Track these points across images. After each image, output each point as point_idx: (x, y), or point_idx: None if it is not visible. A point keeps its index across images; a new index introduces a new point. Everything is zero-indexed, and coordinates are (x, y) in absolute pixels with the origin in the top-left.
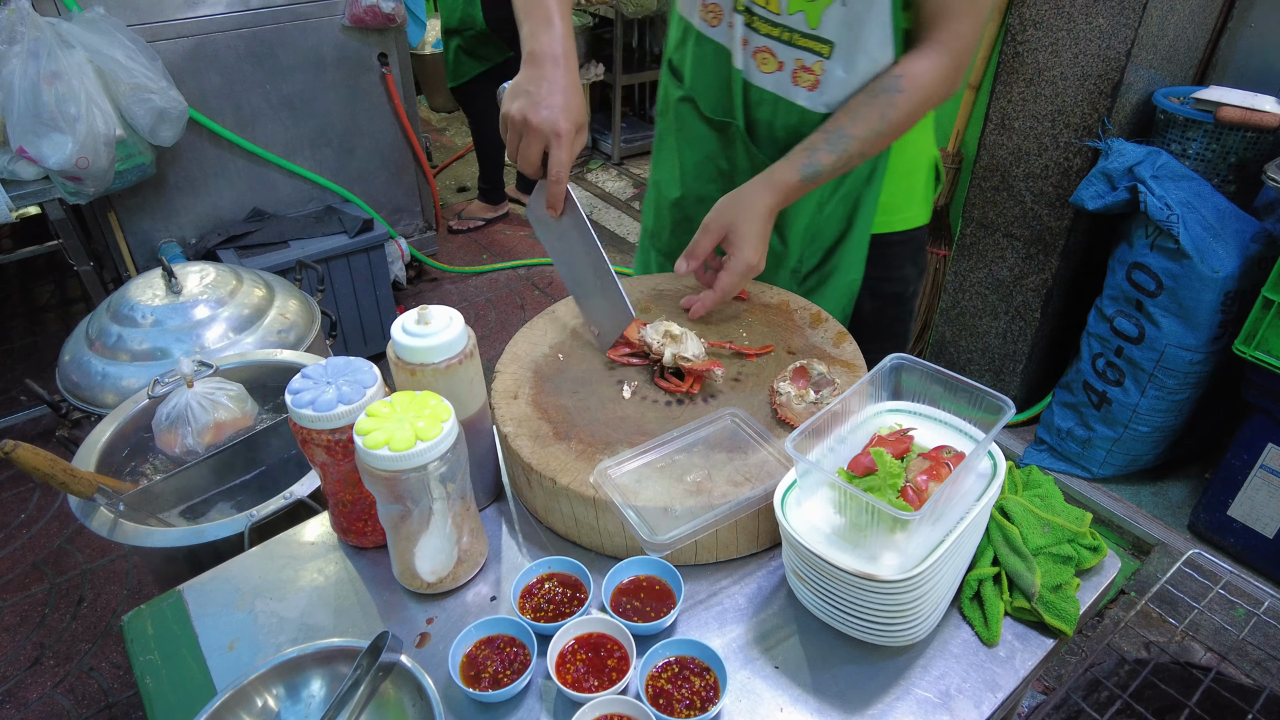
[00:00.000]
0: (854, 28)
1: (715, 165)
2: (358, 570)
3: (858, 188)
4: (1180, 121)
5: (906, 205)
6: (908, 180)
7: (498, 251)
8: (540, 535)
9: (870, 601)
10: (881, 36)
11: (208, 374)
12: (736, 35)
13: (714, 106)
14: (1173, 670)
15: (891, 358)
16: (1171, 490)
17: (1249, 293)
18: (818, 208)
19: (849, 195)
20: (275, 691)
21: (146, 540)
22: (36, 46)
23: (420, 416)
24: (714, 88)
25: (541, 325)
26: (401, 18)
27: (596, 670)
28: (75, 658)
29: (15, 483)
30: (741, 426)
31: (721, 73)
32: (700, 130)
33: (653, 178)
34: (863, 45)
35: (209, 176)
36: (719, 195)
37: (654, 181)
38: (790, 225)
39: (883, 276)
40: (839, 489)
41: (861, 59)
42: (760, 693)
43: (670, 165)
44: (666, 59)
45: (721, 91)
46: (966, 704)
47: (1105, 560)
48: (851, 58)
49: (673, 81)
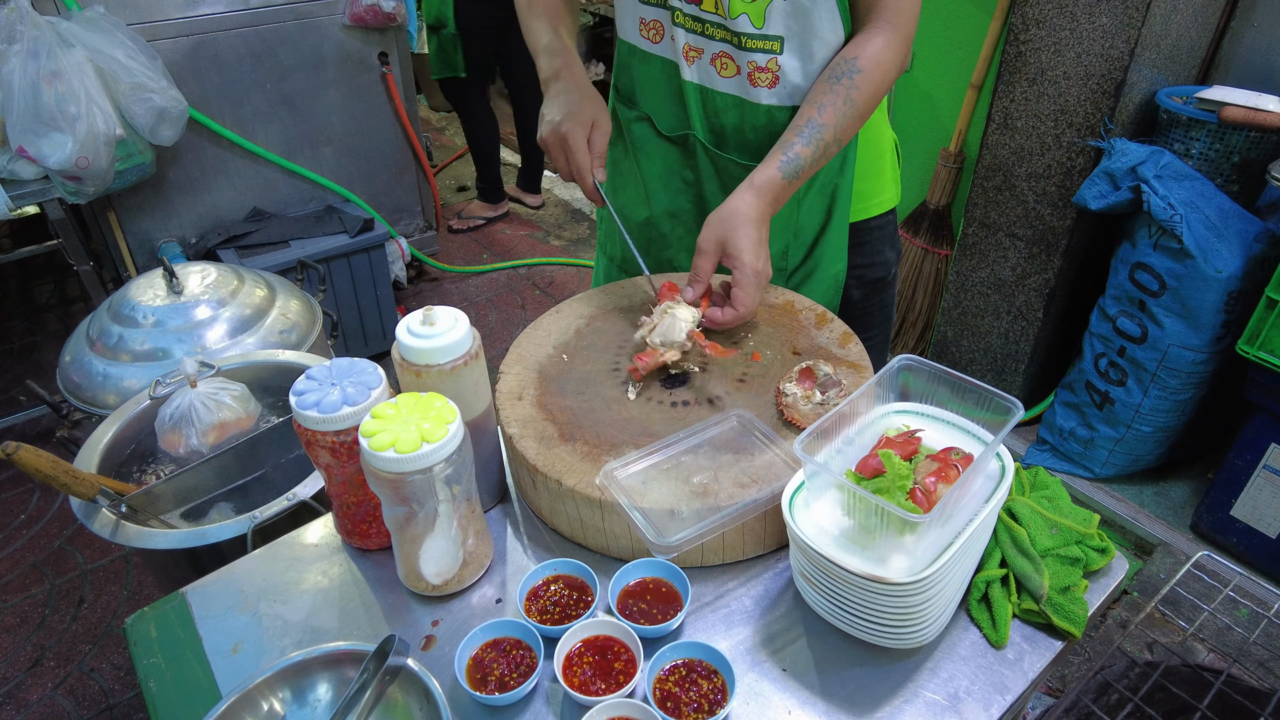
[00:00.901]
0: (801, 18)
1: (680, 177)
2: (362, 572)
3: (833, 179)
4: (1183, 121)
5: (878, 190)
6: (876, 165)
7: (498, 251)
8: (545, 537)
9: (878, 604)
10: (831, 20)
11: (210, 374)
12: (679, 47)
13: (670, 123)
14: (1183, 673)
15: (899, 359)
16: (1174, 490)
17: (1252, 293)
18: (796, 203)
19: (825, 187)
20: (281, 695)
21: (149, 542)
22: (36, 46)
23: (426, 418)
24: (666, 103)
25: (546, 325)
26: (402, 17)
27: (604, 673)
28: (76, 659)
29: (15, 483)
30: (748, 428)
31: (672, 87)
32: (659, 147)
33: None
34: (815, 32)
35: (209, 176)
36: (688, 206)
37: (616, 208)
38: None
39: (866, 264)
40: (847, 491)
41: (816, 45)
42: (768, 695)
43: (633, 188)
44: (613, 84)
45: (675, 105)
46: (975, 706)
47: (1113, 562)
48: (806, 46)
49: (623, 105)
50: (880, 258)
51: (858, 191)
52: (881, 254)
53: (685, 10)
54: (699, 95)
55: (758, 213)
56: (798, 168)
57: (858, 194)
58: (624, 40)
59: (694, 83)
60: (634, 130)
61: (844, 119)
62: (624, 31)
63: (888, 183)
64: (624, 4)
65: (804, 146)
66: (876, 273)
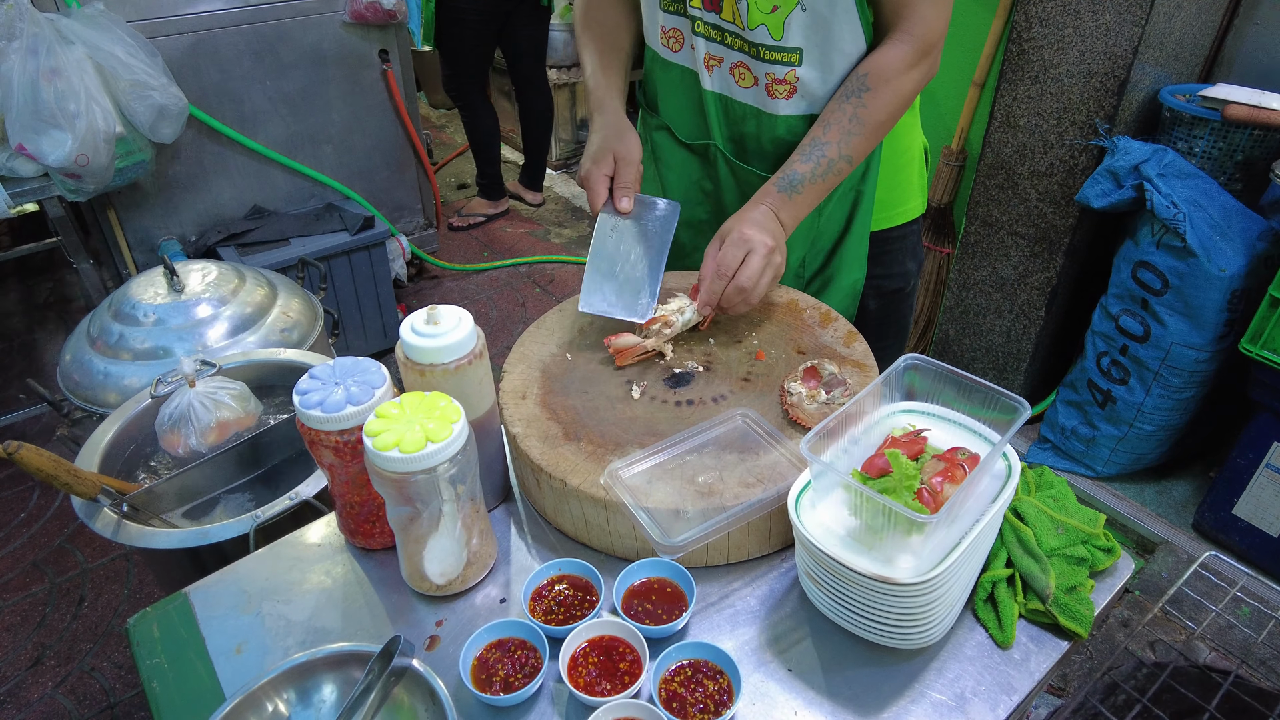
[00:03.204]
0: (820, 30)
1: (700, 187)
2: (365, 572)
3: (854, 184)
4: (1187, 119)
5: (904, 198)
6: (903, 173)
7: (499, 249)
8: (550, 537)
9: (885, 604)
10: (852, 32)
11: (210, 373)
12: (699, 56)
13: (690, 131)
14: (1191, 674)
15: (904, 358)
16: (1176, 489)
17: (1255, 291)
18: (817, 211)
19: (847, 194)
20: (286, 696)
21: (151, 541)
22: (35, 43)
23: (430, 418)
24: (687, 111)
25: (549, 324)
26: (402, 14)
27: (609, 674)
28: (76, 658)
29: (15, 481)
30: (752, 427)
31: (692, 95)
32: (680, 155)
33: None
34: (835, 44)
35: (209, 174)
36: (706, 216)
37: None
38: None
39: (884, 274)
40: (854, 491)
41: (836, 57)
42: (774, 696)
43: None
44: (640, 92)
45: (695, 114)
46: (981, 707)
47: (1119, 562)
48: (826, 58)
49: (648, 112)
50: (900, 269)
51: (880, 200)
52: (902, 265)
53: (705, 19)
54: (719, 104)
55: (753, 207)
56: (794, 182)
57: (880, 202)
58: (649, 47)
59: (714, 92)
60: (655, 139)
61: (850, 137)
62: (649, 38)
63: (914, 190)
64: (647, 11)
65: (803, 164)
66: (895, 284)
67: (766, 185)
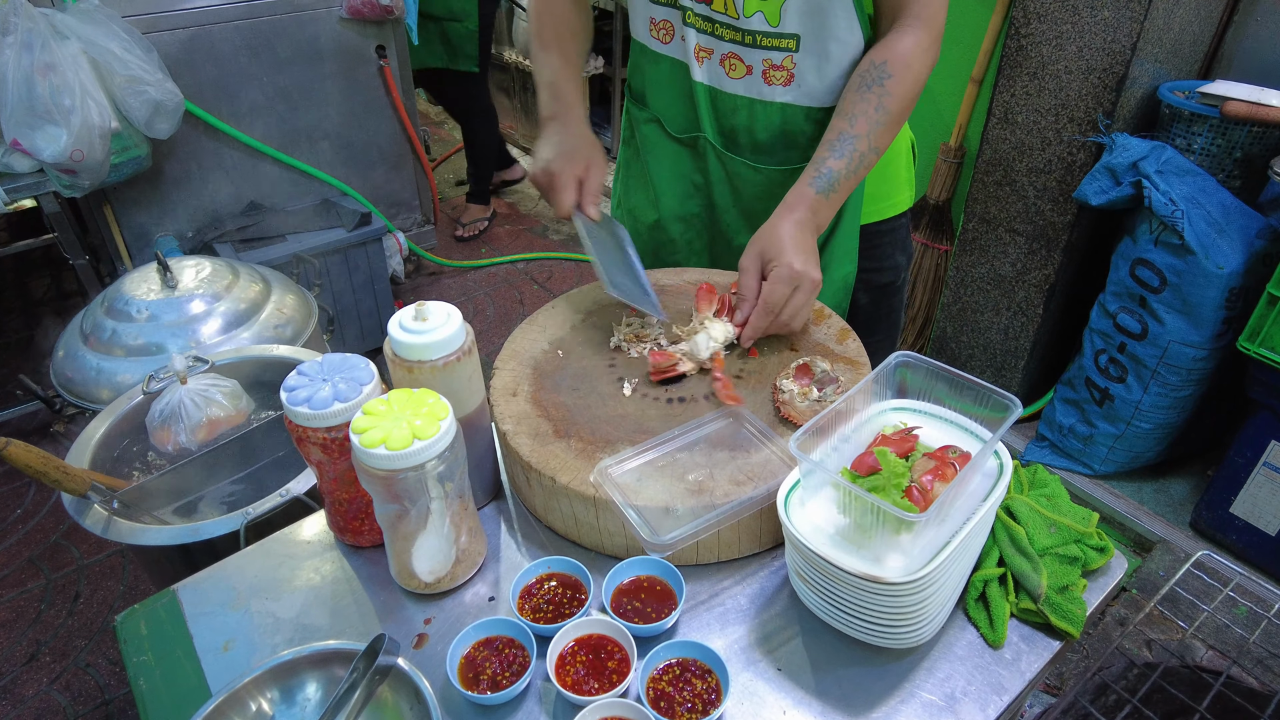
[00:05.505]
0: (817, 16)
1: (690, 181)
2: (355, 569)
3: None
4: (1185, 116)
5: (892, 191)
6: (891, 166)
7: (496, 246)
8: (539, 534)
9: (875, 603)
10: (848, 20)
11: (202, 370)
12: (690, 48)
13: (680, 124)
14: (1182, 674)
15: (896, 355)
16: (1173, 487)
17: (1254, 289)
18: None
19: None
20: (270, 695)
21: (141, 538)
22: (30, 38)
23: (418, 415)
24: (677, 104)
25: (541, 321)
26: (400, 10)
27: (597, 672)
28: (71, 654)
29: (10, 478)
30: (743, 425)
31: (682, 87)
32: (670, 148)
33: (623, 206)
34: (831, 32)
35: (205, 170)
36: (697, 210)
37: (626, 210)
38: None
39: (875, 268)
40: (843, 489)
41: (832, 45)
42: (763, 695)
43: (643, 190)
44: (626, 84)
45: (685, 106)
46: (972, 707)
47: (1112, 561)
48: (822, 46)
49: (635, 105)
50: (890, 262)
51: (870, 194)
52: (892, 258)
53: (696, 10)
54: (709, 96)
55: (794, 223)
56: (831, 180)
57: (870, 196)
58: (636, 40)
59: (704, 84)
60: (644, 131)
61: (877, 127)
62: (635, 31)
63: (902, 184)
64: (635, 4)
65: (836, 160)
66: (885, 277)
67: (801, 186)
